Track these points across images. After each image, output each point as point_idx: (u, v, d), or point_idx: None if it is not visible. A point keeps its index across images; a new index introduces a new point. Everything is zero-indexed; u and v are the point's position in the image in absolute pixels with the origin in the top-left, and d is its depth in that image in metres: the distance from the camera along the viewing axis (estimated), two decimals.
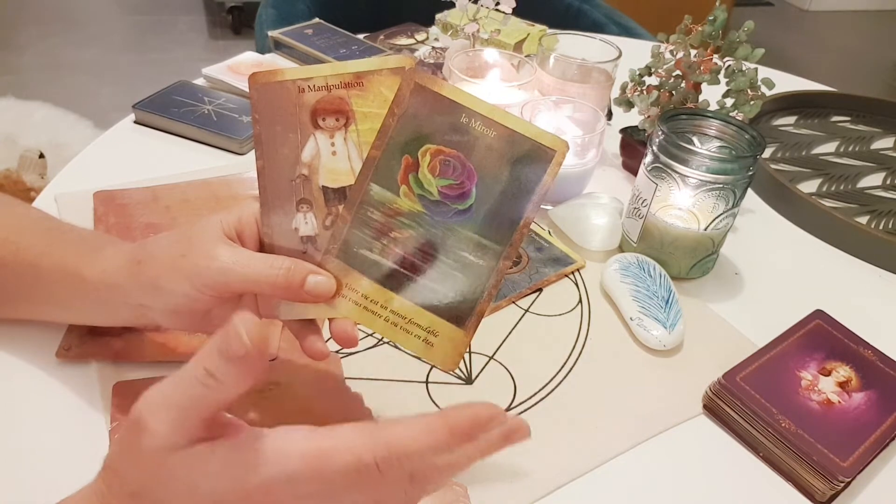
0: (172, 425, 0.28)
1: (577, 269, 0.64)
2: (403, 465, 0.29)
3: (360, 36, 1.00)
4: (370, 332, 0.54)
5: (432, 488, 0.31)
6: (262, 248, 0.40)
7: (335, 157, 0.39)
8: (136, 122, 0.79)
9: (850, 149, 0.90)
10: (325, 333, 0.42)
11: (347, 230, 0.39)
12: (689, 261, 0.63)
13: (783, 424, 0.47)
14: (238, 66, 0.88)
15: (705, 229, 0.60)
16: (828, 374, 0.52)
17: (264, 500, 0.29)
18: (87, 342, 0.49)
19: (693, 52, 0.70)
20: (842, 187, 0.82)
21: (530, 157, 0.37)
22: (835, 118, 0.97)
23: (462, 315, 0.39)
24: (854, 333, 0.55)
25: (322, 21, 1.01)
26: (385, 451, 0.29)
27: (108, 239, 0.47)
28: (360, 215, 0.39)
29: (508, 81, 0.77)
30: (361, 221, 0.39)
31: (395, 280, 0.39)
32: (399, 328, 0.39)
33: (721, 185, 0.58)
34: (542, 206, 0.70)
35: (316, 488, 0.29)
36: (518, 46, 0.94)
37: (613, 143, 0.81)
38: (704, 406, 0.52)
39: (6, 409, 0.46)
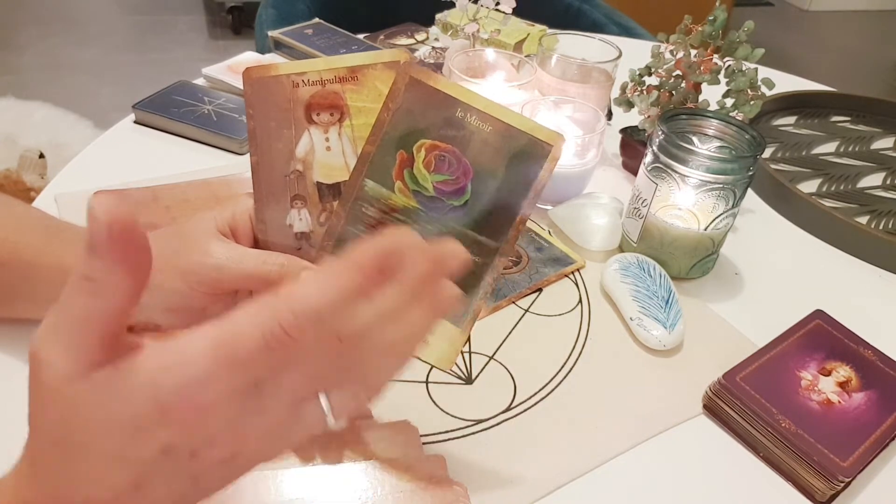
0: (66, 351, 0.25)
1: (577, 269, 0.64)
2: (317, 324, 0.26)
3: (360, 36, 1.00)
4: None
5: (371, 346, 0.28)
6: (257, 244, 0.40)
7: (329, 153, 0.38)
8: (136, 122, 0.79)
9: (850, 149, 0.90)
10: None
11: (342, 226, 0.38)
12: (689, 261, 0.63)
13: (783, 424, 0.47)
14: (238, 67, 0.88)
15: (705, 229, 0.60)
16: (828, 374, 0.52)
17: (186, 410, 0.25)
18: None
19: (693, 52, 0.70)
20: (842, 187, 0.82)
21: (526, 151, 0.37)
22: (835, 118, 0.97)
23: (458, 312, 0.38)
24: (854, 333, 0.55)
25: (322, 21, 1.01)
26: (289, 313, 0.25)
27: None
28: (355, 211, 0.38)
29: (508, 81, 0.77)
30: (356, 217, 0.38)
31: None
32: None
33: (721, 185, 0.57)
34: (542, 206, 0.70)
35: (236, 381, 0.25)
36: (518, 46, 0.94)
37: (613, 143, 0.81)
38: (704, 406, 0.52)
39: (6, 410, 0.46)
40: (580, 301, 0.61)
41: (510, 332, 0.56)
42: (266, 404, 0.26)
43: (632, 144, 0.78)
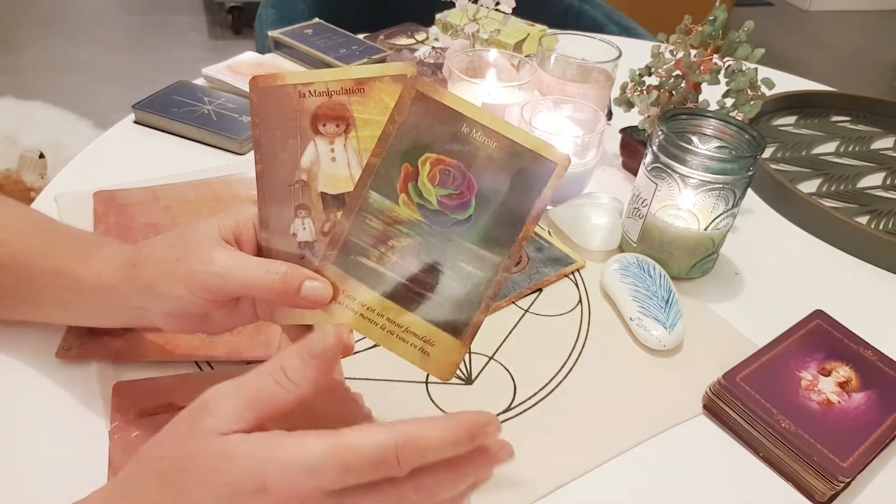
0: (235, 411, 0.30)
1: (577, 269, 0.64)
2: (419, 457, 0.30)
3: (360, 36, 1.00)
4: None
5: (434, 491, 0.32)
6: (260, 252, 0.40)
7: (335, 164, 0.38)
8: (136, 122, 0.79)
9: (850, 149, 0.90)
10: None
11: (345, 237, 0.38)
12: (689, 261, 0.63)
13: (783, 424, 0.47)
14: (238, 67, 0.88)
15: (705, 229, 0.60)
16: (828, 374, 0.52)
17: (283, 493, 0.29)
18: (87, 342, 0.49)
19: (693, 52, 0.70)
20: (842, 187, 0.82)
21: (531, 169, 0.37)
22: (835, 118, 0.97)
23: (459, 325, 0.38)
24: (854, 333, 0.55)
25: (322, 21, 1.01)
26: (404, 441, 0.30)
27: (105, 241, 0.47)
28: (359, 222, 0.38)
29: (508, 81, 0.77)
30: (360, 229, 0.38)
31: (392, 289, 0.38)
32: (395, 337, 0.39)
33: (721, 185, 0.58)
34: None
35: (336, 482, 0.30)
36: (518, 46, 0.94)
37: (613, 143, 0.81)
38: (704, 406, 0.52)
39: (6, 409, 0.46)
40: (580, 301, 0.61)
41: (510, 332, 0.56)
42: None
43: (632, 144, 0.78)
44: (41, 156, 1.44)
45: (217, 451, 0.30)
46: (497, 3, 0.85)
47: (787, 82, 1.04)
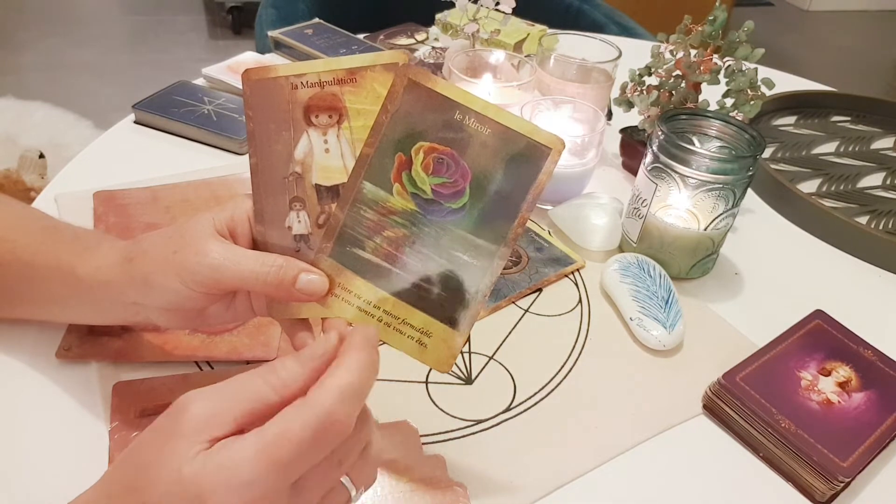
0: (211, 412, 0.29)
1: (577, 269, 0.64)
2: (359, 401, 0.31)
3: (360, 36, 1.00)
4: None
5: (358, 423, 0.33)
6: (255, 246, 0.40)
7: (328, 155, 0.38)
8: (136, 122, 0.79)
9: (850, 149, 0.90)
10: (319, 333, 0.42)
11: (340, 229, 0.38)
12: (689, 261, 0.63)
13: (783, 424, 0.47)
14: (238, 67, 0.88)
15: (705, 229, 0.60)
16: (828, 374, 0.52)
17: None
18: (87, 342, 0.49)
19: (693, 52, 0.70)
20: (842, 187, 0.82)
21: (525, 154, 0.37)
22: (835, 118, 0.97)
23: (456, 316, 0.38)
24: (854, 333, 0.55)
25: (322, 21, 1.01)
26: (339, 398, 0.30)
27: (104, 237, 0.47)
28: (354, 214, 0.38)
29: (508, 81, 0.77)
30: (354, 220, 0.38)
31: (388, 280, 0.38)
32: (392, 328, 0.38)
33: (721, 185, 0.57)
34: (542, 206, 0.70)
35: (279, 478, 0.29)
36: (518, 46, 0.94)
37: (613, 143, 0.81)
38: (704, 406, 0.52)
39: (6, 410, 0.46)
40: (580, 301, 0.61)
41: (510, 332, 0.56)
42: (301, 499, 0.30)
43: (632, 144, 0.78)
44: (41, 156, 1.44)
45: (171, 476, 0.29)
46: (497, 3, 0.85)
47: (787, 82, 1.04)
